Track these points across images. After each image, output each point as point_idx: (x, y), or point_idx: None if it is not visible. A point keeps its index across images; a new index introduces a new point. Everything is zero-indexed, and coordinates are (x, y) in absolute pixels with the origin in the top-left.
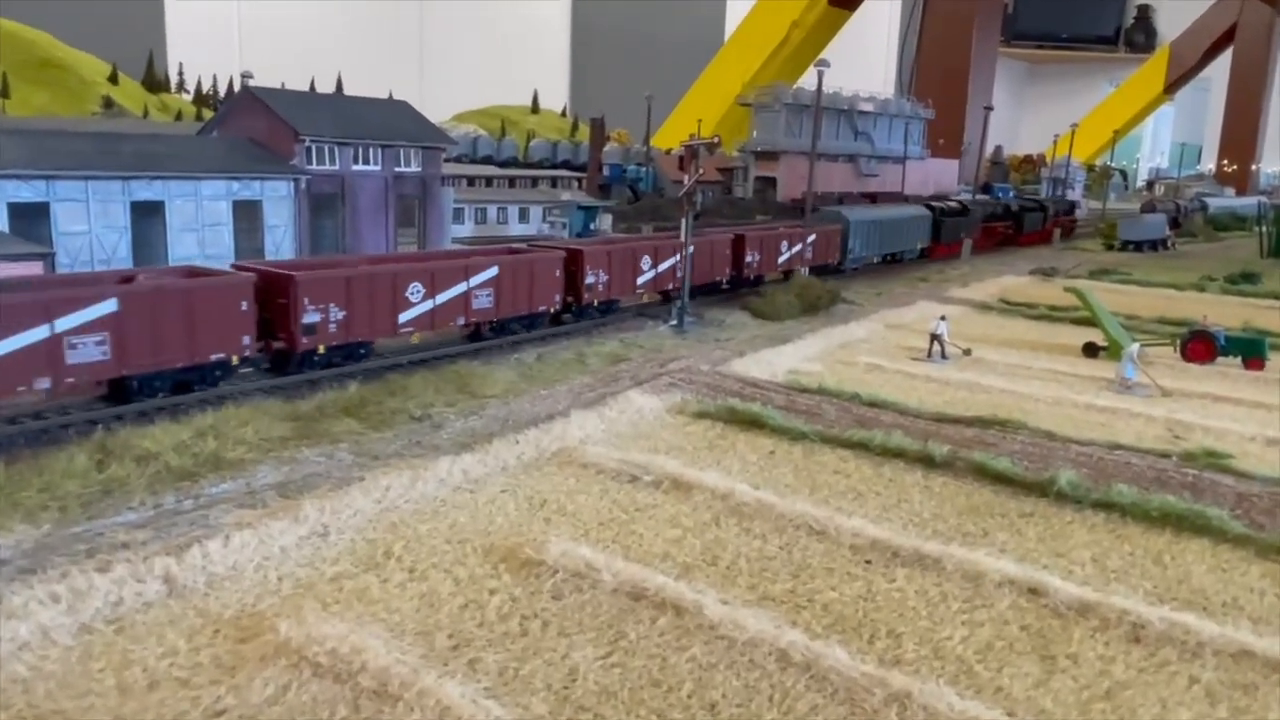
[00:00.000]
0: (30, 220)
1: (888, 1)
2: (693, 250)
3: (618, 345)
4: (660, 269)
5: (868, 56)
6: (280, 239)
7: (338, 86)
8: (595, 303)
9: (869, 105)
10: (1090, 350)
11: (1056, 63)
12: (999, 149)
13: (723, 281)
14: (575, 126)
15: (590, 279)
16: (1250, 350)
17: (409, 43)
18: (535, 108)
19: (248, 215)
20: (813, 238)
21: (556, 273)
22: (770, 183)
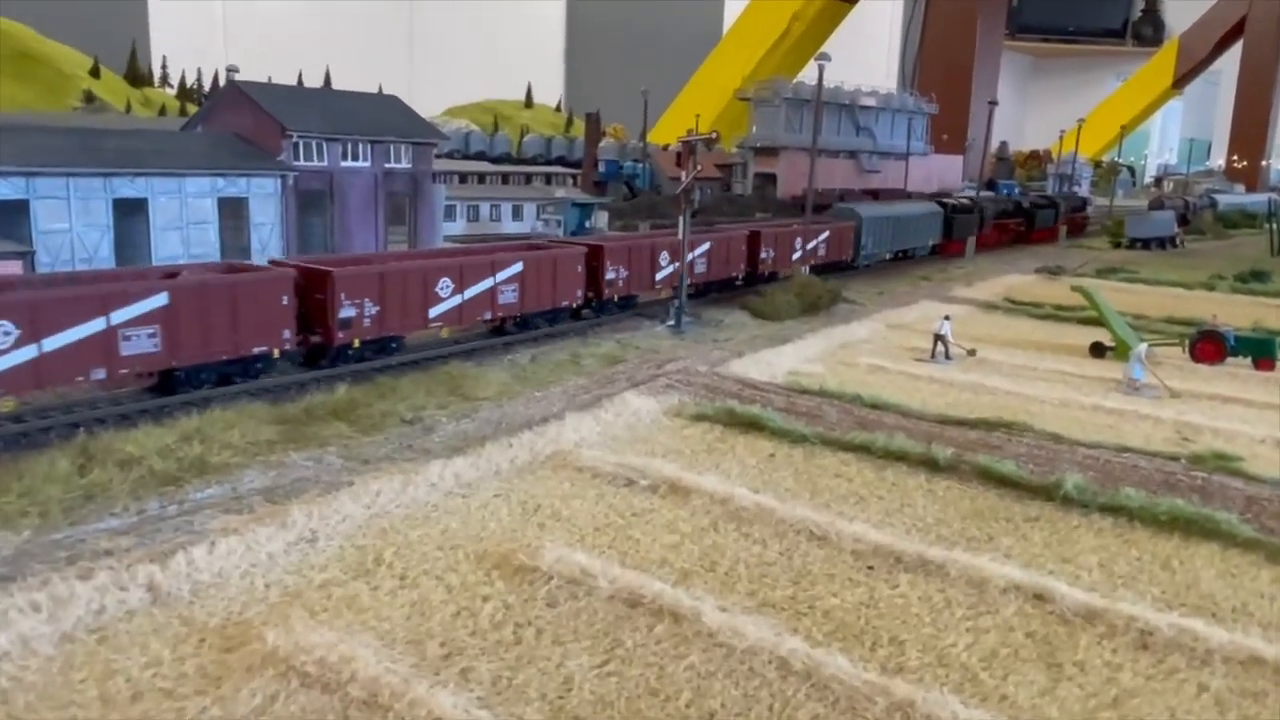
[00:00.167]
0: (9, 218)
1: None
2: (710, 246)
3: (614, 346)
4: (677, 264)
5: (870, 50)
6: (267, 237)
7: (326, 81)
8: (615, 298)
9: (871, 100)
10: (1097, 350)
11: (1062, 56)
12: (1004, 145)
13: (738, 277)
14: (570, 122)
15: (610, 274)
16: (1261, 350)
17: (399, 36)
18: (529, 102)
19: (233, 213)
20: (826, 234)
21: (578, 268)
22: (770, 179)
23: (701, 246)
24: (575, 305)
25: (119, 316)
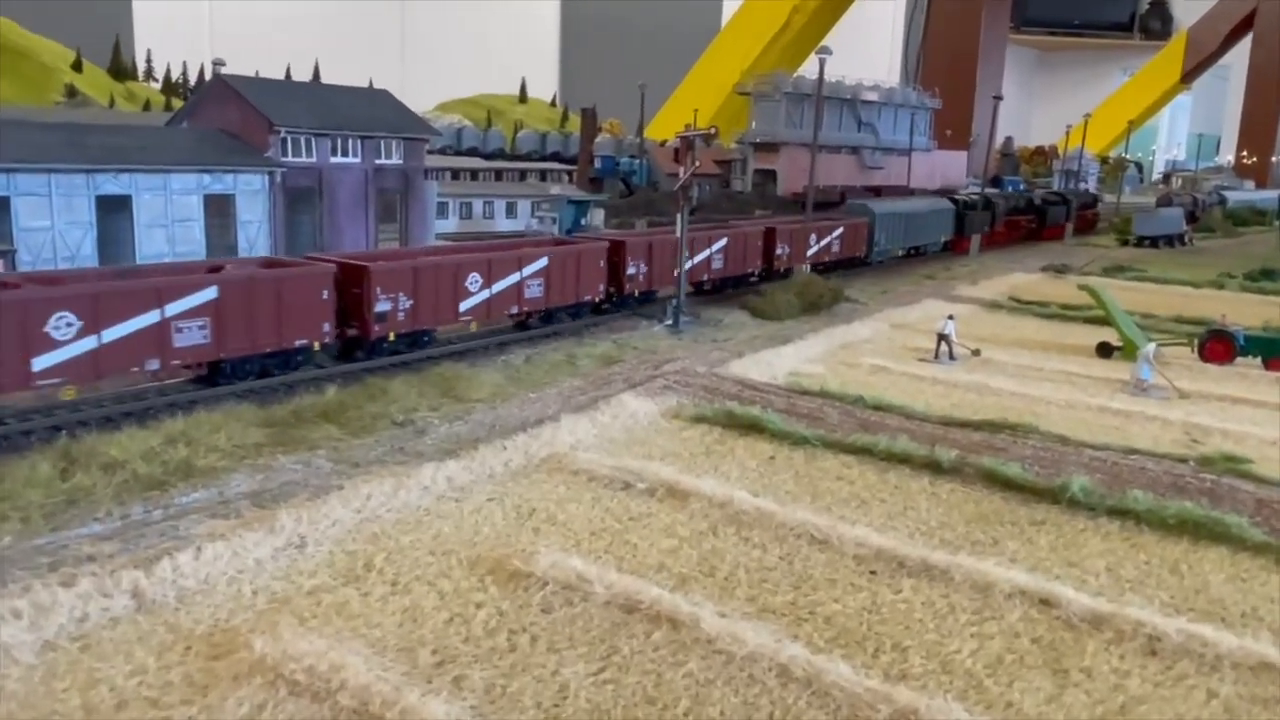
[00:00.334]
0: None
1: None
2: (727, 241)
3: (610, 346)
4: (696, 260)
5: (872, 44)
6: (254, 235)
7: (315, 75)
8: (636, 293)
9: (873, 95)
10: (1104, 350)
11: (1068, 50)
12: (1009, 140)
13: (754, 274)
14: (565, 117)
15: (632, 269)
16: (1271, 350)
17: (390, 29)
18: (523, 97)
19: (220, 210)
20: (840, 230)
21: (601, 263)
22: (770, 176)
23: (719, 243)
24: (597, 300)
25: (172, 309)
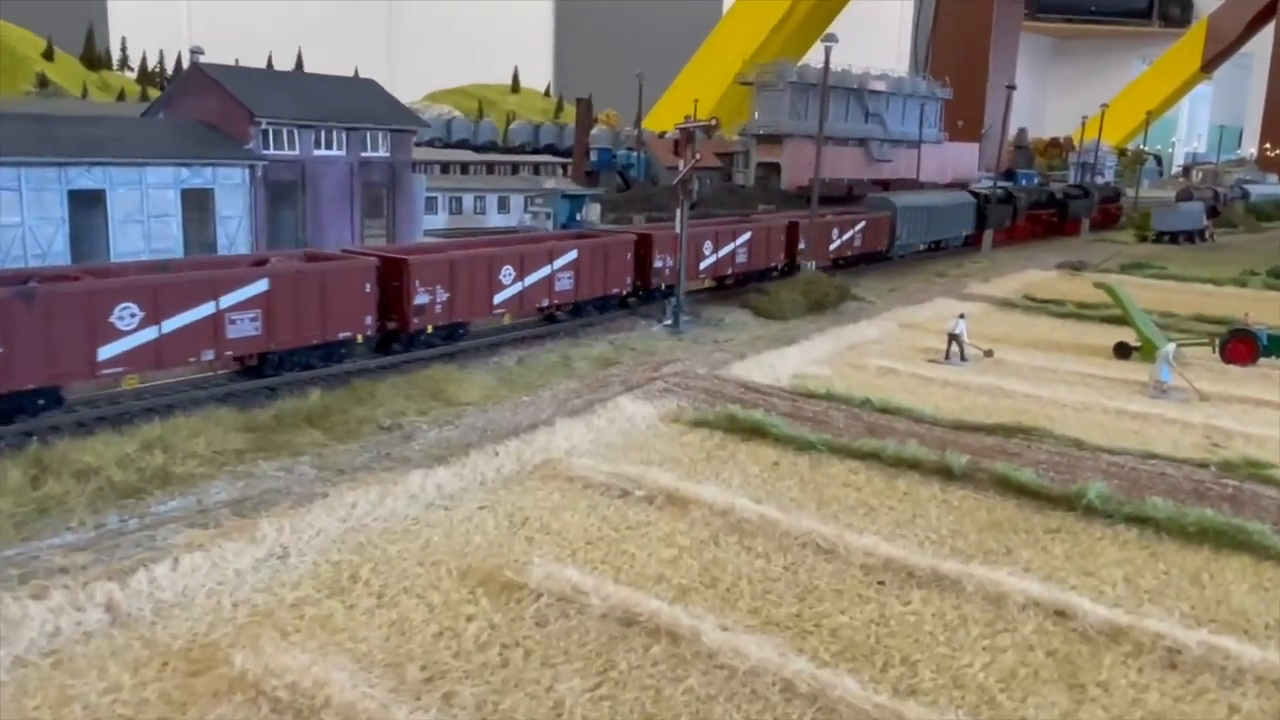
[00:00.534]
0: None
1: None
2: (751, 235)
3: (607, 347)
4: (721, 254)
5: (879, 31)
6: (234, 231)
7: (297, 64)
8: (662, 286)
9: (881, 84)
10: (1122, 351)
11: (1084, 38)
12: (1022, 132)
13: (777, 268)
14: (560, 107)
15: (658, 262)
16: None
17: (377, 16)
18: (516, 87)
19: (198, 205)
20: (862, 224)
21: (628, 256)
22: (773, 169)
23: (743, 236)
24: (624, 293)
25: (226, 301)
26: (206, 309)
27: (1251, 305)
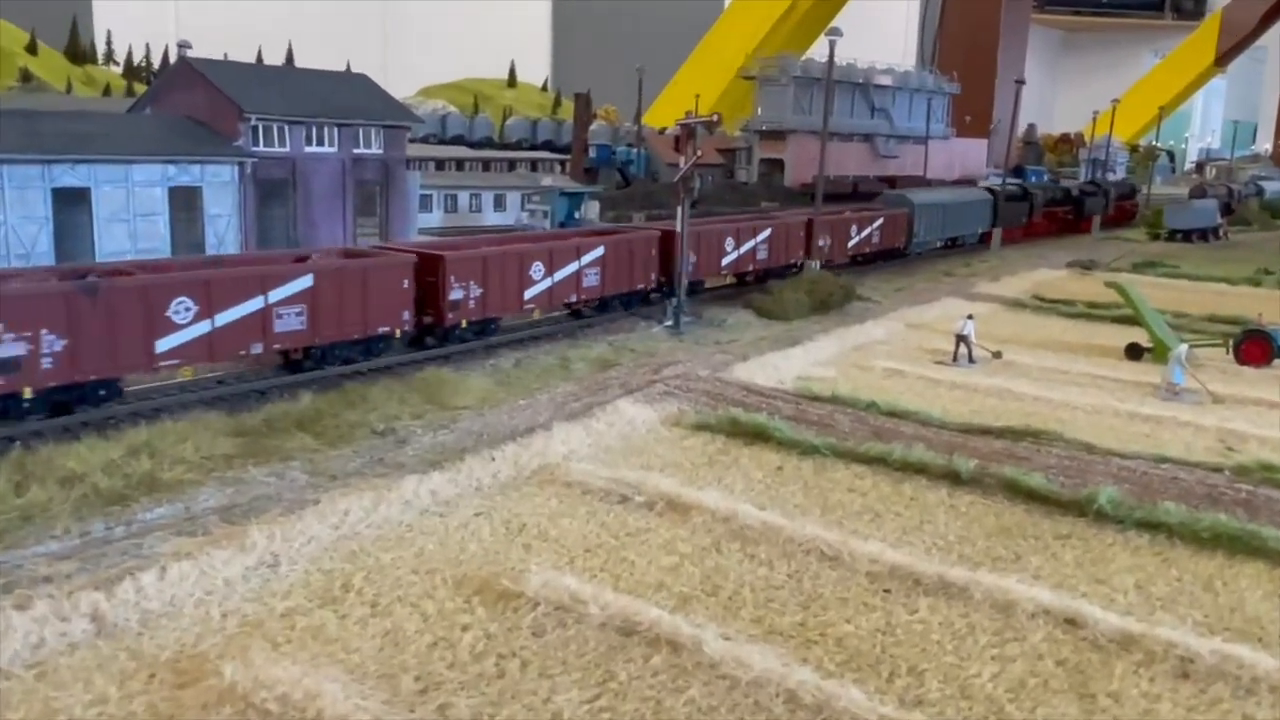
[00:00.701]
0: None
1: None
2: (771, 232)
3: (606, 349)
4: (742, 250)
5: (885, 24)
6: (223, 230)
7: (288, 58)
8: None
9: (887, 79)
10: (1134, 352)
11: (1095, 31)
12: (1031, 127)
13: (797, 265)
14: (558, 102)
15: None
16: None
17: (370, 9)
18: (512, 81)
19: (186, 203)
20: (880, 222)
21: (653, 252)
22: (777, 165)
23: (763, 233)
24: (648, 289)
25: (274, 296)
26: (256, 303)
27: (1266, 305)
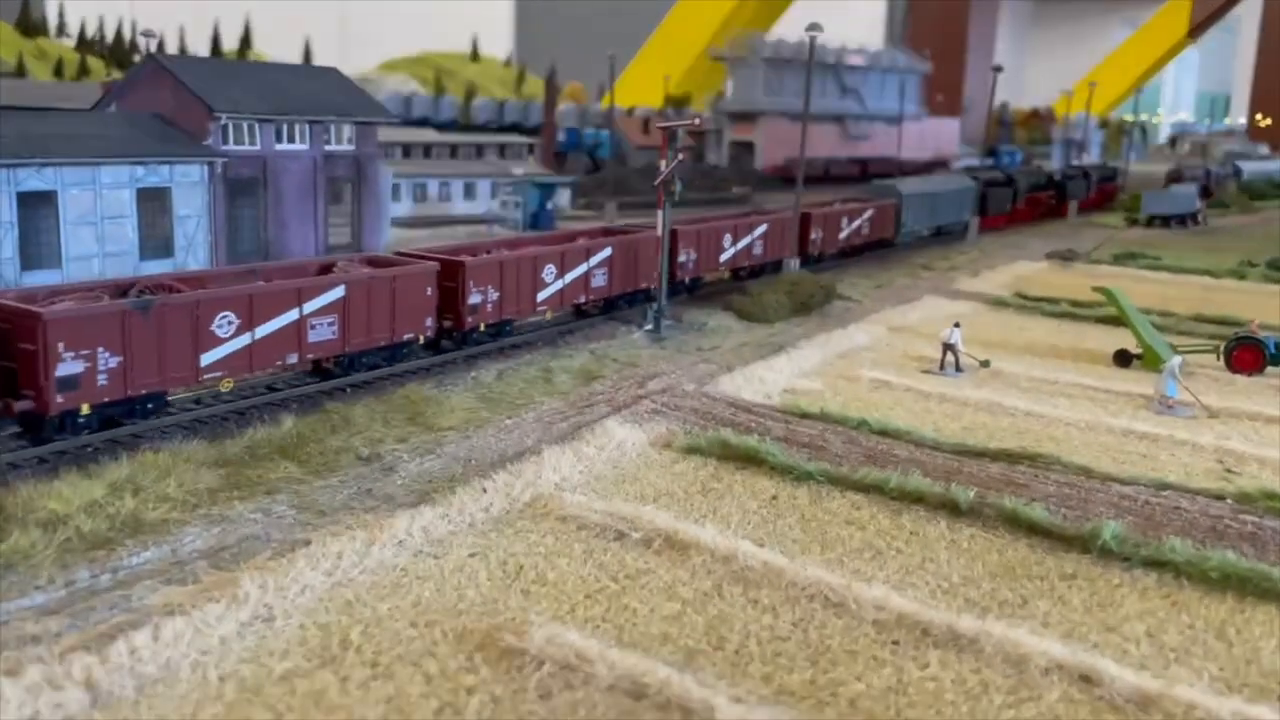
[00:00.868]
0: None
1: None
2: (767, 228)
3: (588, 358)
4: (739, 246)
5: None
6: (192, 231)
7: (245, 34)
8: (686, 280)
9: (858, 58)
10: (1123, 359)
11: (1066, 2)
12: (1004, 106)
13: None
14: (522, 77)
15: (683, 257)
16: None
17: None
18: (475, 55)
19: (154, 205)
20: (870, 213)
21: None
22: (747, 148)
23: (759, 229)
24: (651, 288)
25: (309, 307)
26: (292, 315)
27: (1251, 299)
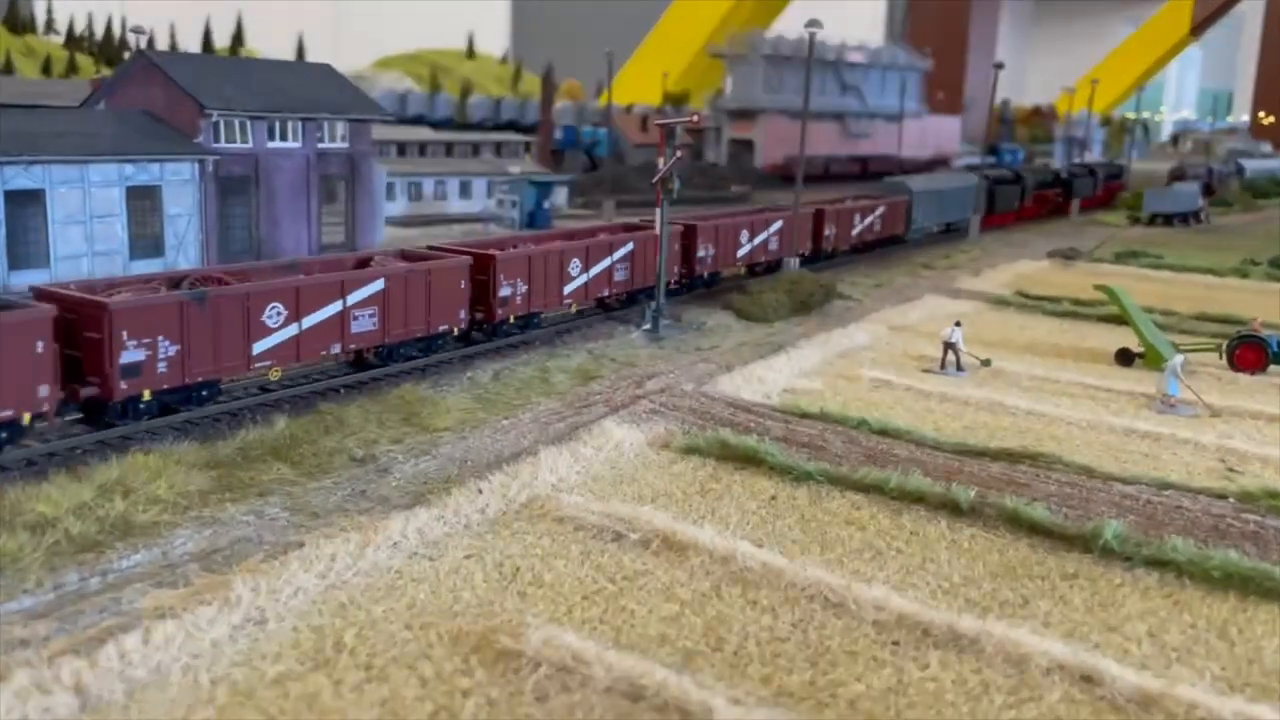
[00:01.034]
0: None
1: None
2: (782, 225)
3: (586, 358)
4: (756, 242)
5: None
6: (183, 230)
7: (237, 29)
8: (705, 274)
9: (859, 55)
10: (1125, 358)
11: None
12: (1005, 103)
13: (804, 254)
14: (518, 75)
15: (701, 253)
16: None
17: None
18: (471, 52)
19: (144, 203)
20: (882, 210)
21: (675, 247)
22: (746, 146)
23: (775, 225)
24: (672, 281)
25: (351, 299)
26: (336, 307)
27: (1253, 297)
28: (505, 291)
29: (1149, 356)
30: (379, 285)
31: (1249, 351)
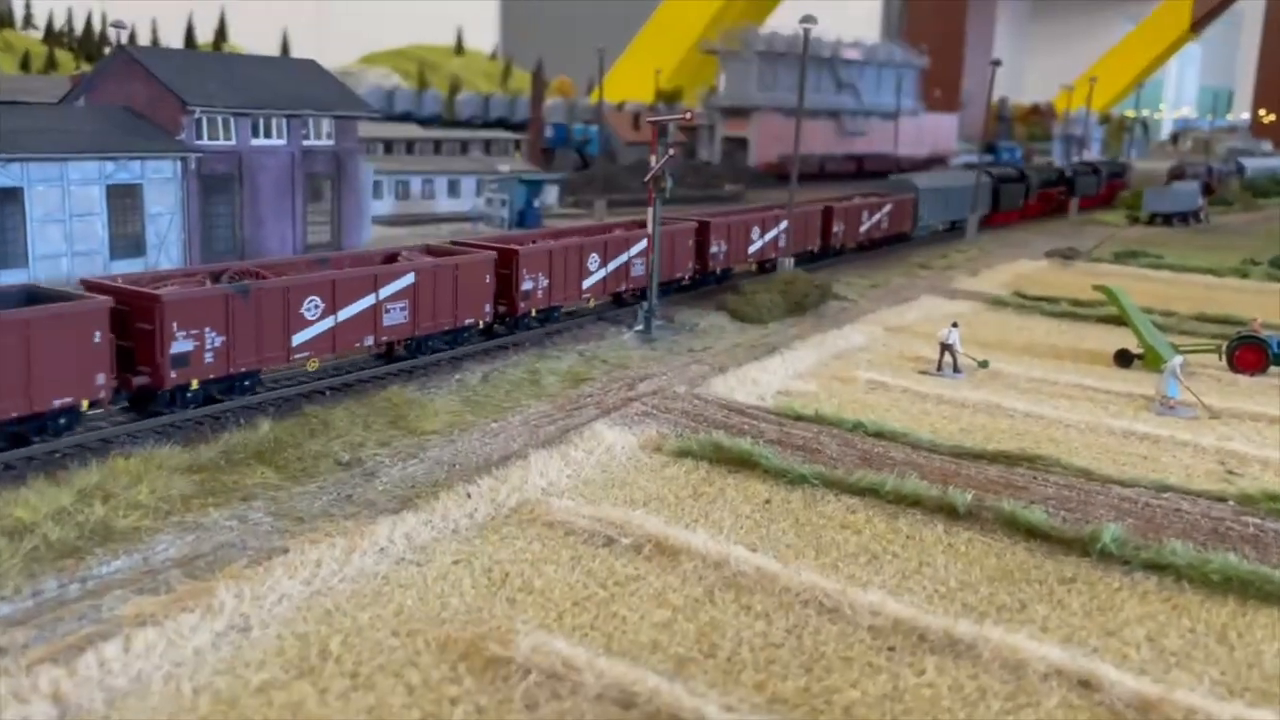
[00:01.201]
0: None
1: None
2: (790, 222)
3: (576, 360)
4: (766, 239)
5: None
6: (164, 229)
7: (220, 25)
8: (717, 270)
9: (855, 52)
10: (1124, 359)
11: None
12: (1002, 101)
13: (813, 251)
14: (508, 72)
15: (714, 248)
16: None
17: None
18: (460, 48)
19: (125, 201)
20: (889, 207)
21: (690, 243)
22: (740, 144)
23: (784, 222)
24: (684, 277)
25: (384, 293)
26: (369, 300)
27: (1254, 298)
28: (527, 285)
29: (1148, 358)
30: (409, 279)
31: (1249, 353)
